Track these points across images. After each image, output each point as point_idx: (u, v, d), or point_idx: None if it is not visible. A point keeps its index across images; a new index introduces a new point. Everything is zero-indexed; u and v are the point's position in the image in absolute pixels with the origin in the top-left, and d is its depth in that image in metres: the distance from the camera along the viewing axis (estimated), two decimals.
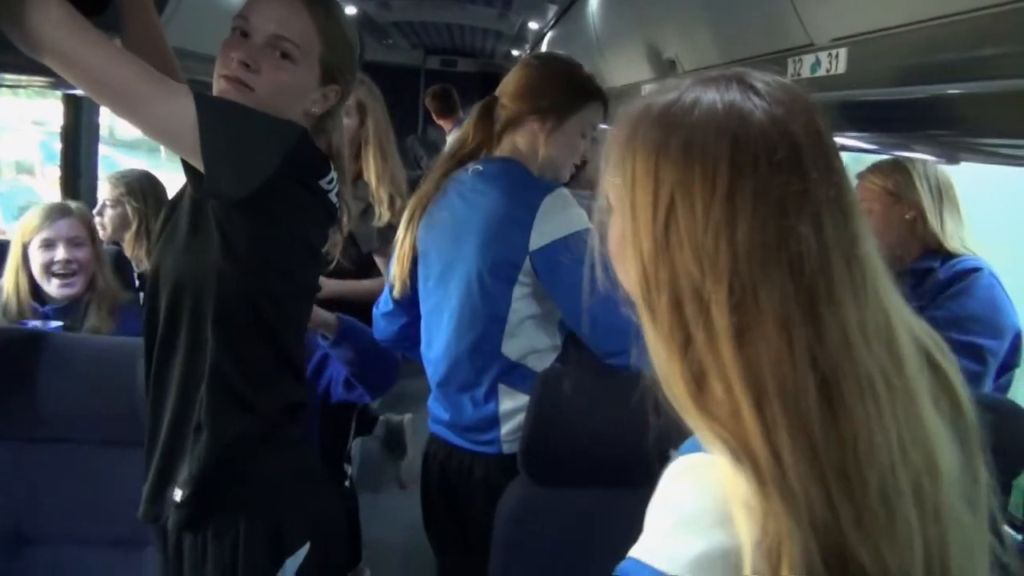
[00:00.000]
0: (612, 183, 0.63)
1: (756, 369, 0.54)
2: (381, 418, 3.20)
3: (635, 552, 0.58)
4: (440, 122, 4.52)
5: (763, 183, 0.56)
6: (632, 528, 0.62)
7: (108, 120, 3.60)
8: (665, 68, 1.81)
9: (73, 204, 1.87)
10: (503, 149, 1.55)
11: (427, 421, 1.64)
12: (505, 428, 1.53)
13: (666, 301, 0.58)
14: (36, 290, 1.74)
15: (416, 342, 1.67)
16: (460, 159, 1.56)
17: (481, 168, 1.53)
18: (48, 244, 1.72)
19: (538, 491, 1.47)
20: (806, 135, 0.57)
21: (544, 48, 3.97)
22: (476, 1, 3.58)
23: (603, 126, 1.58)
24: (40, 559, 1.45)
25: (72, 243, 1.74)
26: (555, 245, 1.42)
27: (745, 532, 0.52)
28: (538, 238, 1.43)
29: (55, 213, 1.76)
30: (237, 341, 1.11)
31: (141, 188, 2.33)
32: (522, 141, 1.54)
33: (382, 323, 1.70)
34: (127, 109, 1.03)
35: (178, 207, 1.17)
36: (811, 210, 0.56)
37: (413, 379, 1.97)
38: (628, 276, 0.63)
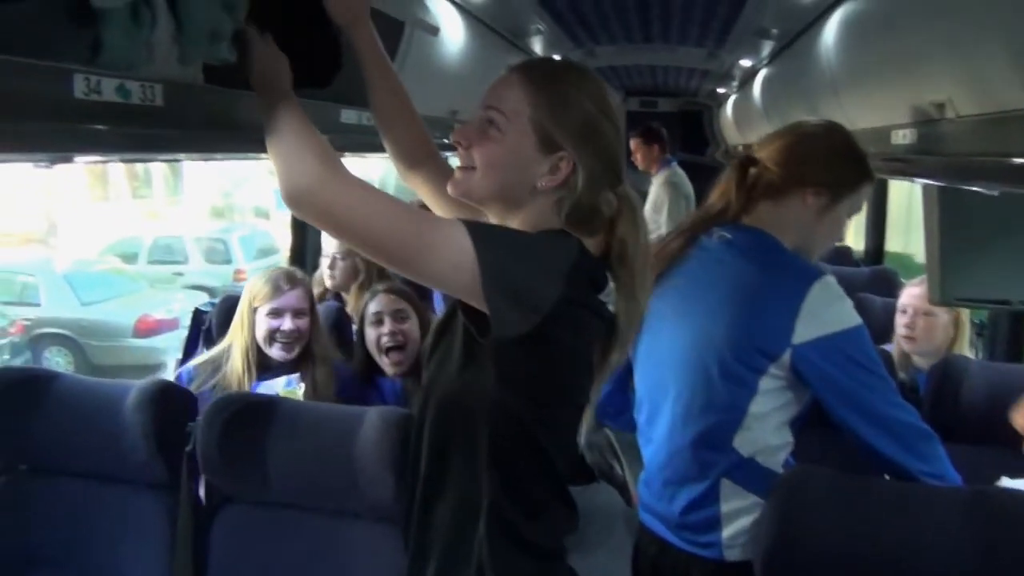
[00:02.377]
0: None
1: None
2: (582, 445, 3.01)
3: None
4: (648, 166, 4.32)
5: None
6: None
7: None
8: (930, 112, 1.56)
9: (299, 272, 2.00)
10: (757, 217, 1.39)
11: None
12: (728, 531, 1.36)
13: None
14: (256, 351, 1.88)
15: (620, 411, 1.55)
16: (708, 222, 1.42)
17: (730, 237, 1.38)
18: (276, 313, 1.86)
19: None
20: None
21: (758, 85, 3.73)
22: (686, 42, 3.44)
23: None
24: None
25: (297, 314, 1.88)
26: (827, 341, 1.27)
27: None
28: (805, 330, 1.27)
29: (284, 283, 1.89)
30: (514, 474, 1.03)
31: None
32: (785, 212, 1.38)
33: None
34: (402, 266, 1.00)
35: (450, 326, 1.10)
36: None
37: None
38: None
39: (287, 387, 1.84)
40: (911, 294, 2.17)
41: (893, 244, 4.14)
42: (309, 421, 1.47)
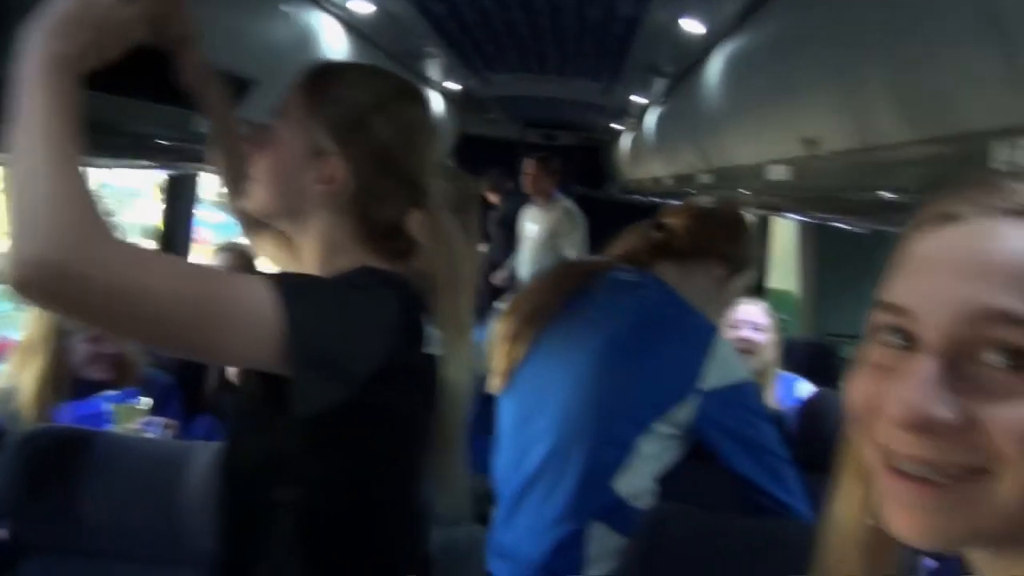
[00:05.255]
0: None
1: None
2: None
3: None
4: (539, 193, 4.25)
5: None
6: None
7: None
8: (801, 147, 1.57)
9: None
10: (659, 273, 1.42)
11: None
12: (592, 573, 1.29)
13: None
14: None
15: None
16: (607, 266, 1.44)
17: (636, 279, 1.41)
18: (95, 339, 1.70)
19: None
20: None
21: (651, 122, 3.80)
22: (582, 75, 3.45)
23: None
24: None
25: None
26: (732, 390, 1.30)
27: None
28: (714, 378, 1.29)
29: None
30: (331, 564, 0.86)
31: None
32: (688, 276, 1.43)
33: None
34: (187, 348, 0.79)
35: (248, 385, 0.92)
36: None
37: None
38: None
39: (121, 402, 1.63)
40: (746, 311, 2.13)
41: (785, 282, 4.20)
42: (127, 457, 1.29)
